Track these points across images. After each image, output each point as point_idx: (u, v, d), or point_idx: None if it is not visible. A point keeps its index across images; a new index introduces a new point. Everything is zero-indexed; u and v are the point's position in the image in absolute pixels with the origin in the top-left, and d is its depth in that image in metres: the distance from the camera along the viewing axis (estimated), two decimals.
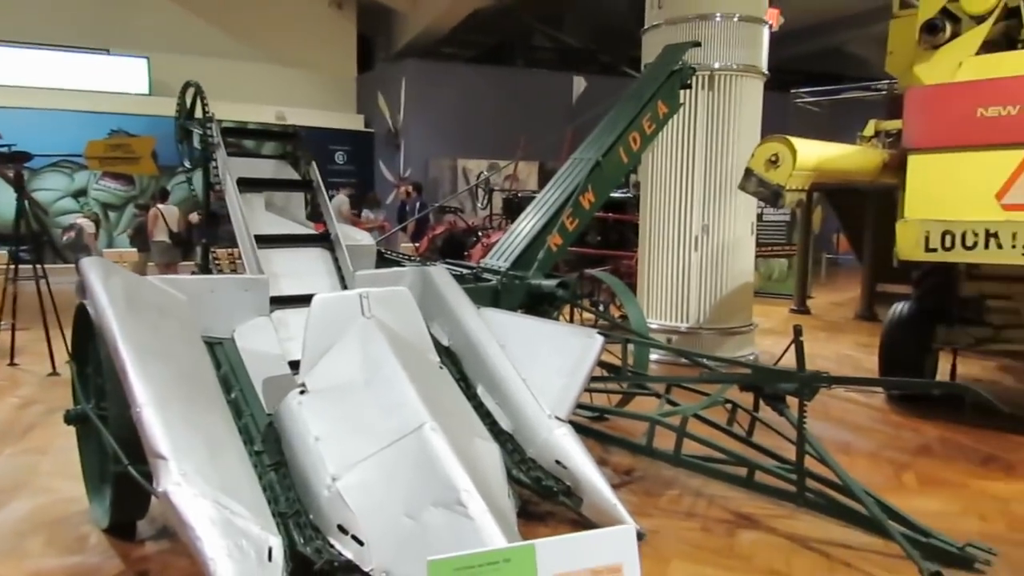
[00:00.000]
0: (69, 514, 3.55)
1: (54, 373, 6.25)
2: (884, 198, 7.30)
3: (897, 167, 4.97)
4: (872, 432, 5.08)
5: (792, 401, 3.38)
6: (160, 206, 10.57)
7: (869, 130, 7.58)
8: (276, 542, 2.56)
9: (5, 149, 6.26)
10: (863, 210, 9.27)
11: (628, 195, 10.19)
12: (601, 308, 7.03)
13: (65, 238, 10.53)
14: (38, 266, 6.33)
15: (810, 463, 3.34)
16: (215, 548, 2.36)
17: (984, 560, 2.99)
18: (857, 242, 10.06)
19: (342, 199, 11.45)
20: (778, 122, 7.84)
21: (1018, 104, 4.34)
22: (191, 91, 4.25)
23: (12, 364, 6.50)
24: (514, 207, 10.60)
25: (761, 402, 3.73)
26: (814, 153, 4.84)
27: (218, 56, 15.89)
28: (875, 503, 3.12)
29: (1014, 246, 4.30)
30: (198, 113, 4.33)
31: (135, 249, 11.18)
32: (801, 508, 3.39)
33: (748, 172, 4.83)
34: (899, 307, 5.84)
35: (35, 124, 12.67)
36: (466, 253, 9.65)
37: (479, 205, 12.58)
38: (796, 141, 4.70)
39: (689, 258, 6.95)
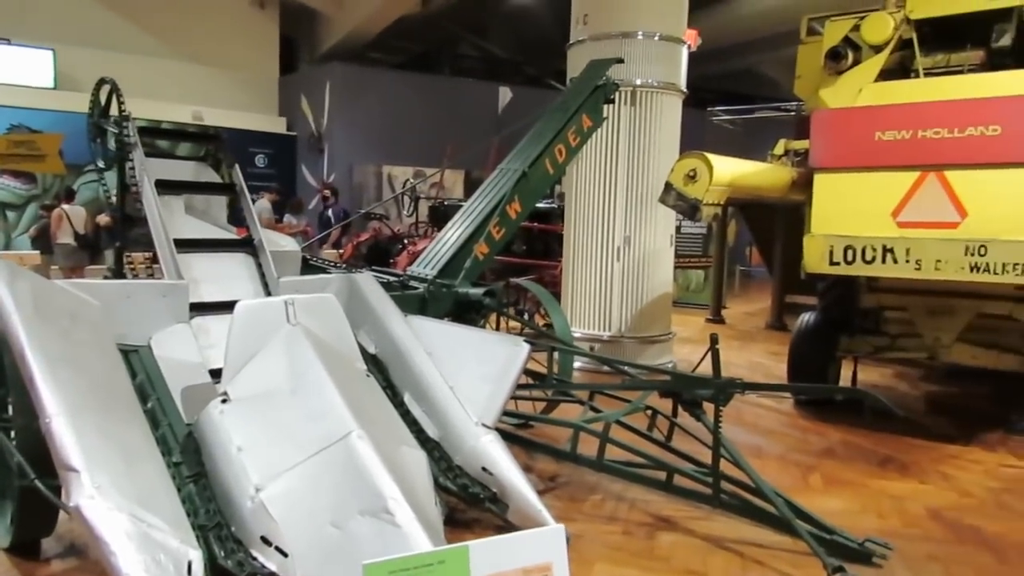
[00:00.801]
0: None
1: None
2: (793, 213, 7.70)
3: (804, 184, 5.27)
4: (782, 436, 5.35)
5: (709, 407, 3.53)
6: (65, 206, 10.05)
7: (779, 149, 8.00)
8: (196, 555, 2.49)
9: None
10: (773, 224, 9.75)
11: (553, 206, 10.37)
12: (526, 316, 7.13)
13: None
14: None
15: (725, 466, 3.51)
16: (131, 563, 2.29)
17: (881, 555, 3.22)
18: (768, 255, 10.56)
19: (264, 204, 11.16)
20: (696, 138, 8.17)
21: (910, 129, 4.69)
22: (106, 88, 4.08)
23: None
24: (440, 215, 10.60)
25: (680, 408, 3.89)
26: (729, 169, 5.08)
27: (131, 51, 15.22)
28: (784, 503, 3.29)
29: (908, 260, 4.64)
30: (113, 111, 4.16)
31: (37, 252, 10.57)
32: (717, 510, 3.55)
33: (668, 186, 5.02)
34: (806, 317, 6.18)
35: None
36: (392, 261, 9.59)
37: (405, 213, 12.50)
38: (712, 157, 4.91)
39: (612, 268, 7.13)
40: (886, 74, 5.28)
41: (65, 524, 3.19)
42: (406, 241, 10.37)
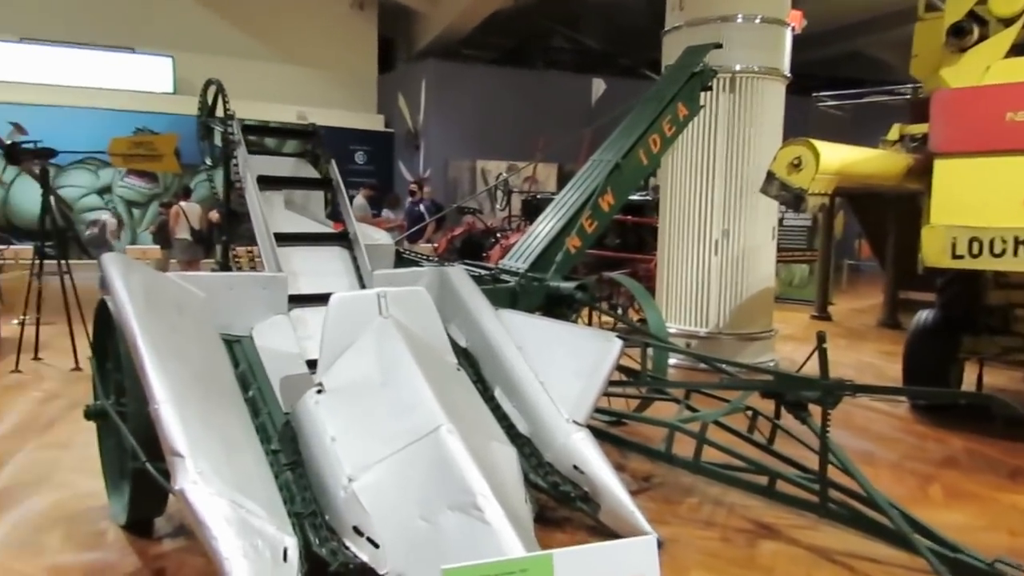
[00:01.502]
0: (87, 510, 3.56)
1: (77, 368, 6.31)
2: (907, 203, 7.18)
3: (922, 172, 4.88)
4: (896, 442, 4.99)
5: (815, 409, 3.32)
6: (182, 204, 10.66)
7: (893, 134, 7.45)
8: (291, 542, 2.55)
9: (31, 145, 6.33)
10: (886, 215, 9.13)
11: (648, 198, 10.12)
12: (619, 312, 6.98)
13: (88, 233, 10.65)
14: (62, 262, 6.39)
15: (833, 473, 3.28)
16: (230, 548, 2.35)
17: None
18: (879, 248, 9.91)
19: (360, 200, 11.47)
20: (799, 126, 7.73)
21: None
22: (212, 89, 4.26)
23: (36, 359, 6.56)
24: (533, 209, 10.56)
25: (783, 409, 3.68)
26: (837, 156, 4.76)
27: (242, 56, 16.02)
28: (900, 515, 3.04)
29: None
30: (219, 111, 4.35)
31: (158, 246, 11.28)
32: (823, 519, 3.33)
33: (770, 175, 4.77)
34: (923, 315, 5.74)
35: (61, 121, 12.84)
36: (484, 254, 9.63)
37: (498, 206, 12.54)
38: (819, 144, 4.63)
39: (709, 262, 6.88)
40: (1018, 49, 4.81)
41: (175, 505, 3.35)
42: (499, 235, 10.40)
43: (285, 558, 2.49)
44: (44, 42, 14.27)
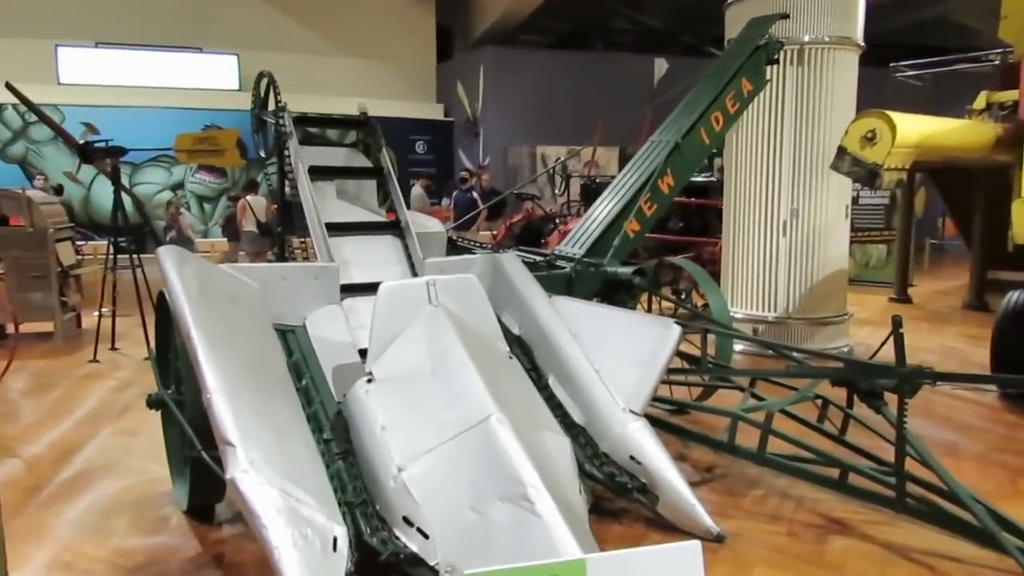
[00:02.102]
0: (154, 495, 3.67)
1: (149, 358, 6.54)
2: (996, 177, 6.70)
3: (1012, 142, 4.52)
4: (982, 433, 4.66)
5: (891, 398, 3.10)
6: (249, 197, 10.94)
7: (980, 102, 6.95)
8: (341, 532, 2.53)
9: (102, 144, 6.58)
10: (972, 191, 8.58)
11: (712, 179, 9.80)
12: (683, 297, 6.77)
13: (168, 237, 11.09)
14: (135, 256, 6.63)
15: (912, 466, 3.07)
16: (280, 537, 2.35)
17: None
18: (965, 226, 9.33)
19: (418, 191, 11.52)
20: (874, 100, 7.29)
21: None
22: (264, 81, 4.29)
23: (113, 348, 6.85)
24: (592, 193, 10.38)
25: (855, 398, 3.46)
26: (916, 129, 4.46)
27: (303, 51, 16.32)
28: (986, 512, 2.82)
29: None
30: (270, 104, 4.38)
31: (226, 239, 11.62)
32: (900, 515, 3.11)
33: (841, 151, 4.51)
34: (1014, 296, 5.33)
35: (135, 121, 13.38)
36: (543, 240, 9.53)
37: (556, 192, 12.38)
38: (895, 116, 4.34)
39: (777, 244, 6.59)
40: None
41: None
42: (557, 221, 10.26)
43: (335, 547, 2.48)
44: (117, 46, 14.88)
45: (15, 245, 7.02)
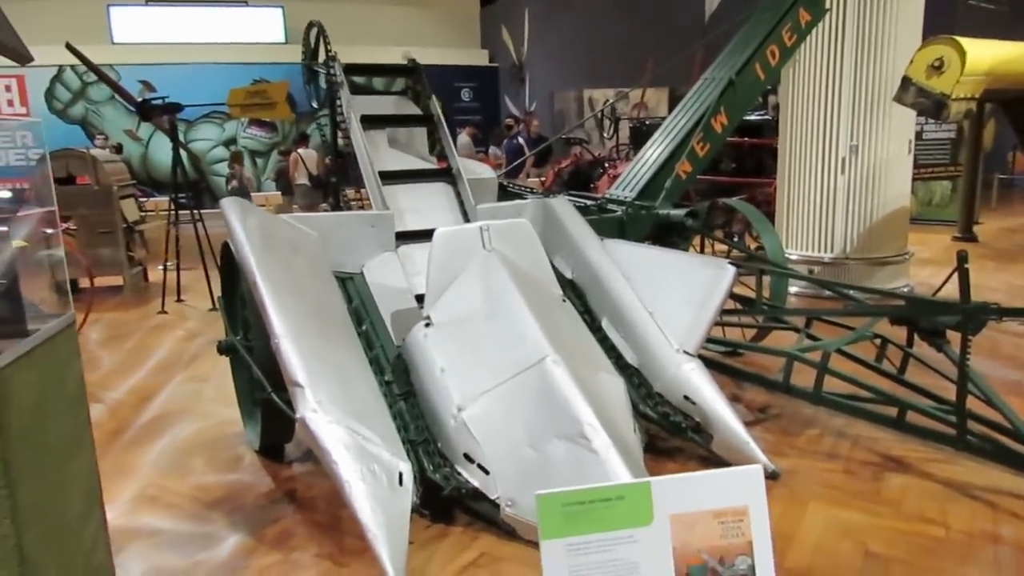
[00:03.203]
0: (226, 436, 3.87)
1: (214, 308, 6.81)
2: None
3: None
4: None
5: (954, 337, 3.04)
6: (300, 151, 11.09)
7: None
8: (406, 467, 2.65)
9: (159, 101, 6.73)
10: None
11: (766, 117, 9.49)
12: (736, 239, 6.67)
13: (230, 186, 11.37)
14: (196, 211, 6.84)
15: (972, 404, 3.02)
16: (350, 471, 2.48)
17: None
18: None
19: (464, 139, 11.47)
20: (944, 27, 6.89)
21: None
22: (314, 31, 4.31)
23: (179, 300, 7.14)
24: (642, 136, 10.17)
25: (917, 337, 3.40)
26: (988, 55, 4.24)
27: (347, 1, 16.19)
28: None
29: None
30: (321, 54, 4.40)
31: (279, 192, 11.85)
32: (961, 453, 3.09)
33: (906, 81, 4.32)
34: None
35: (185, 78, 13.56)
36: (592, 185, 9.43)
37: (605, 135, 12.17)
38: (965, 42, 4.12)
39: (835, 182, 6.38)
40: None
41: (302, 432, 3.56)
42: (607, 165, 10.12)
43: (400, 482, 2.60)
44: (167, 3, 15.02)
45: (83, 203, 7.31)
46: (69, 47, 6.17)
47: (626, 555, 1.14)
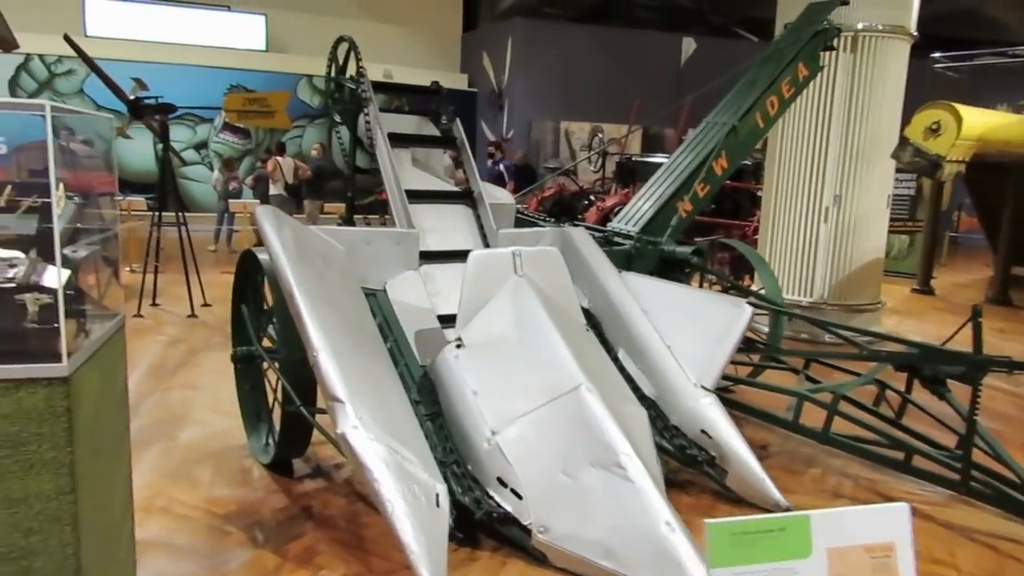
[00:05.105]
0: (228, 447, 3.77)
1: (193, 315, 6.64)
2: None
3: None
4: (1022, 423, 4.77)
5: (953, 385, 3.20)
6: (278, 158, 10.95)
7: None
8: (442, 489, 2.64)
9: (152, 101, 6.59)
10: (1003, 187, 8.62)
11: (745, 162, 9.82)
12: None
13: (221, 190, 11.16)
14: (181, 214, 6.68)
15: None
16: (392, 491, 2.46)
17: None
18: (990, 221, 9.39)
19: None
20: (914, 88, 7.28)
21: None
22: (344, 46, 4.32)
23: (155, 304, 6.93)
24: (627, 171, 10.40)
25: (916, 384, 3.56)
26: (980, 122, 4.52)
27: (329, 14, 16.15)
28: None
29: None
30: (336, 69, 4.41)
31: (257, 200, 11.65)
32: (962, 497, 3.23)
33: (904, 140, 4.57)
34: None
35: (159, 77, 13.26)
36: (580, 216, 9.57)
37: (592, 168, 12.39)
38: (962, 108, 4.38)
39: (818, 230, 6.65)
40: None
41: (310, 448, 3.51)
42: (593, 197, 10.29)
43: (438, 503, 2.59)
44: (146, 0, 14.73)
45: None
46: (67, 39, 6.01)
47: None
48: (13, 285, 1.86)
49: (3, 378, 1.71)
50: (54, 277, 1.86)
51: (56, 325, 1.77)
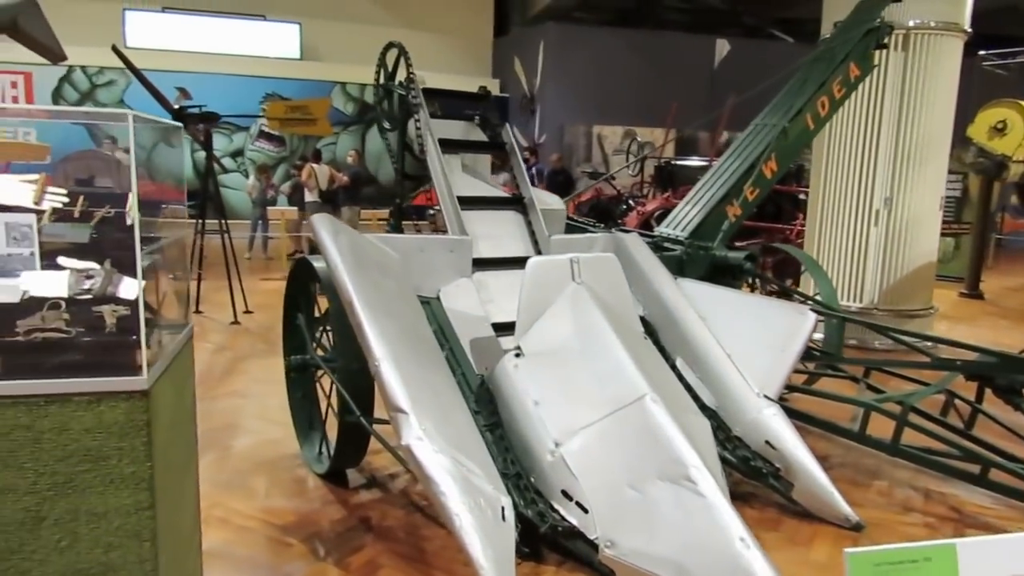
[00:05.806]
0: (281, 456, 3.76)
1: (236, 322, 6.67)
2: None
3: None
4: None
5: None
6: (314, 165, 11.02)
7: None
8: (507, 502, 2.59)
9: (196, 110, 6.66)
10: None
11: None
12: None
13: (256, 197, 11.31)
14: (224, 222, 6.72)
15: None
16: (458, 504, 2.41)
17: None
18: None
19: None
20: (963, 88, 7.08)
21: None
22: (393, 52, 4.30)
23: (198, 312, 6.98)
24: (665, 175, 10.28)
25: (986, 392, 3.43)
26: None
27: (363, 21, 16.27)
28: None
29: None
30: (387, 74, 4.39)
31: (295, 207, 11.75)
32: None
33: (966, 141, 4.40)
34: None
35: (196, 87, 13.45)
36: (620, 221, 9.48)
37: (630, 172, 12.28)
38: None
39: (868, 233, 6.48)
40: None
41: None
42: (632, 202, 10.18)
43: (504, 517, 2.53)
44: (184, 11, 14.96)
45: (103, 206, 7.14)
46: (114, 49, 6.09)
47: None
48: (90, 296, 1.85)
49: (84, 391, 1.69)
50: (130, 288, 1.85)
51: (135, 337, 1.76)
